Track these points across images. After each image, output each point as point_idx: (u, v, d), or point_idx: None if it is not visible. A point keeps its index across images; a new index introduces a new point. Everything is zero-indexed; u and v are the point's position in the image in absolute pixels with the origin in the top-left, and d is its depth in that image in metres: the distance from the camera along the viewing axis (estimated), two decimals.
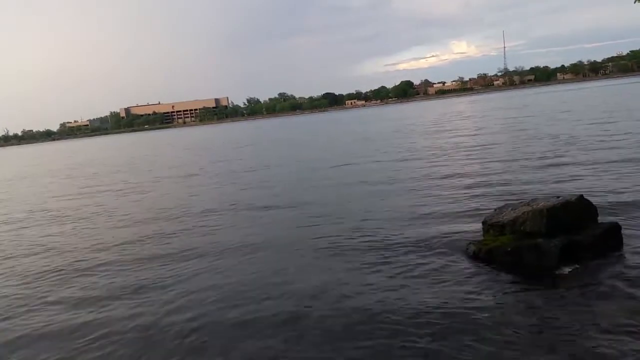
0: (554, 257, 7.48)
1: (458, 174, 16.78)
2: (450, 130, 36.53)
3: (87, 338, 6.92)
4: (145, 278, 9.21)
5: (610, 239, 8.01)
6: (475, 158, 20.24)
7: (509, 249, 7.97)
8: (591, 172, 14.45)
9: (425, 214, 11.63)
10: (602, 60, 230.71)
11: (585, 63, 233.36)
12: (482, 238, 8.75)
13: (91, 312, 7.84)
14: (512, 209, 8.67)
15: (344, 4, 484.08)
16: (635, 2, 7.73)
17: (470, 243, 8.83)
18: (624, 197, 11.12)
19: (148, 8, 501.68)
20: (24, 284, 9.71)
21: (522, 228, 8.09)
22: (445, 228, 10.24)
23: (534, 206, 8.24)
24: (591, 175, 13.93)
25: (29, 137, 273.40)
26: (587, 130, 25.61)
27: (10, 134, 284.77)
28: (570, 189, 12.14)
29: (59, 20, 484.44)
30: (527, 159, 18.33)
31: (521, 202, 8.97)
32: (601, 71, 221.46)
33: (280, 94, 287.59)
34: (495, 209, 9.35)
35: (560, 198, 8.46)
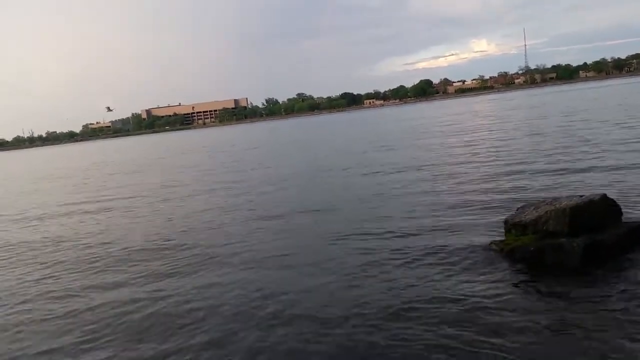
0: (578, 257, 7.43)
1: (478, 174, 16.66)
2: (469, 131, 36.19)
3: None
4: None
5: (635, 239, 7.92)
6: (495, 158, 20.04)
7: (532, 249, 7.94)
8: (614, 171, 14.22)
9: (446, 214, 11.61)
10: (626, 57, 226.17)
11: (609, 60, 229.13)
12: (504, 237, 8.72)
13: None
14: (534, 209, 8.62)
15: (361, 4, 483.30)
16: None
17: (492, 242, 8.82)
18: None
19: (168, 11, 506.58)
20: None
21: (544, 227, 8.05)
22: (468, 228, 10.21)
23: (557, 205, 8.18)
24: (614, 174, 13.72)
25: (52, 139, 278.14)
26: (609, 129, 25.16)
27: (35, 135, 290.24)
28: (593, 188, 12.00)
29: (81, 24, 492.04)
30: (549, 158, 18.13)
31: (543, 201, 8.91)
32: (625, 68, 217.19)
33: (298, 94, 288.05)
34: (517, 209, 9.30)
35: (584, 197, 8.38)
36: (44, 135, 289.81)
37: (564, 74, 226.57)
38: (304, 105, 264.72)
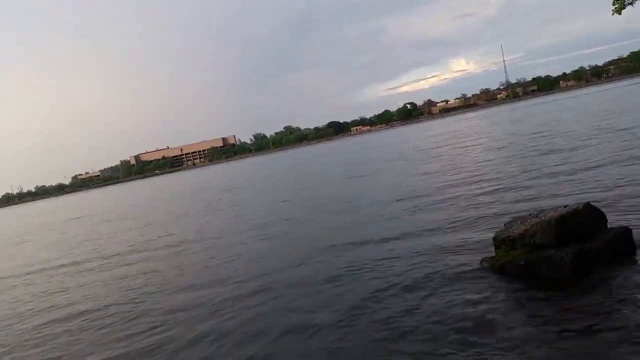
0: (567, 268, 7.45)
1: (464, 192, 16.74)
2: (451, 150, 36.46)
3: None
4: None
5: (622, 244, 7.96)
6: (477, 176, 20.08)
7: (522, 263, 7.96)
8: (595, 178, 14.41)
9: (435, 236, 11.62)
10: (604, 64, 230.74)
11: (587, 68, 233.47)
12: (494, 254, 8.74)
13: None
14: (521, 223, 8.67)
15: (340, 35, 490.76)
16: (613, 14, 7.80)
17: (483, 260, 8.84)
18: (631, 200, 11.06)
19: (149, 54, 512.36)
20: None
21: (532, 241, 8.08)
22: (458, 248, 10.21)
23: (543, 218, 8.24)
24: (595, 181, 13.90)
25: (42, 193, 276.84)
26: (585, 137, 25.50)
27: (24, 190, 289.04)
28: (576, 197, 12.11)
29: (65, 74, 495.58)
30: (530, 172, 18.26)
31: (530, 215, 8.98)
32: (604, 75, 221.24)
33: (285, 127, 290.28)
34: (505, 224, 9.35)
35: (568, 207, 8.45)
36: (33, 189, 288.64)
37: (545, 85, 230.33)
38: (292, 138, 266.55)
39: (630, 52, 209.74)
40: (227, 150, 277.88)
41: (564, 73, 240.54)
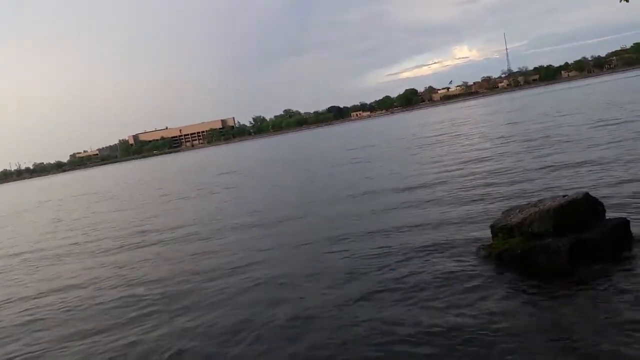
0: (564, 257, 7.44)
1: (463, 180, 16.72)
2: (451, 139, 36.35)
3: None
4: None
5: (620, 235, 7.95)
6: (477, 164, 20.13)
7: (519, 251, 7.95)
8: (594, 169, 14.39)
9: (433, 223, 11.59)
10: (606, 54, 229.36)
11: (589, 59, 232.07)
12: (491, 242, 8.72)
13: None
14: (519, 211, 8.65)
15: (342, 18, 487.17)
16: (620, 1, 7.67)
17: (480, 247, 8.83)
18: (630, 192, 11.03)
19: (149, 36, 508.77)
20: None
21: (530, 229, 8.06)
22: (456, 234, 10.21)
23: (541, 207, 8.22)
24: (594, 172, 13.87)
25: (40, 170, 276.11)
26: (585, 128, 25.47)
27: (22, 167, 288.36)
28: (575, 187, 12.07)
29: (65, 53, 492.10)
30: (530, 160, 18.27)
31: (528, 204, 8.94)
32: (606, 66, 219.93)
33: (285, 111, 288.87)
34: (503, 212, 9.33)
35: (567, 197, 8.42)
36: (31, 167, 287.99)
37: (547, 74, 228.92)
38: (291, 122, 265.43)
39: (634, 44, 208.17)
40: (226, 133, 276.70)
41: (566, 63, 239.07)
